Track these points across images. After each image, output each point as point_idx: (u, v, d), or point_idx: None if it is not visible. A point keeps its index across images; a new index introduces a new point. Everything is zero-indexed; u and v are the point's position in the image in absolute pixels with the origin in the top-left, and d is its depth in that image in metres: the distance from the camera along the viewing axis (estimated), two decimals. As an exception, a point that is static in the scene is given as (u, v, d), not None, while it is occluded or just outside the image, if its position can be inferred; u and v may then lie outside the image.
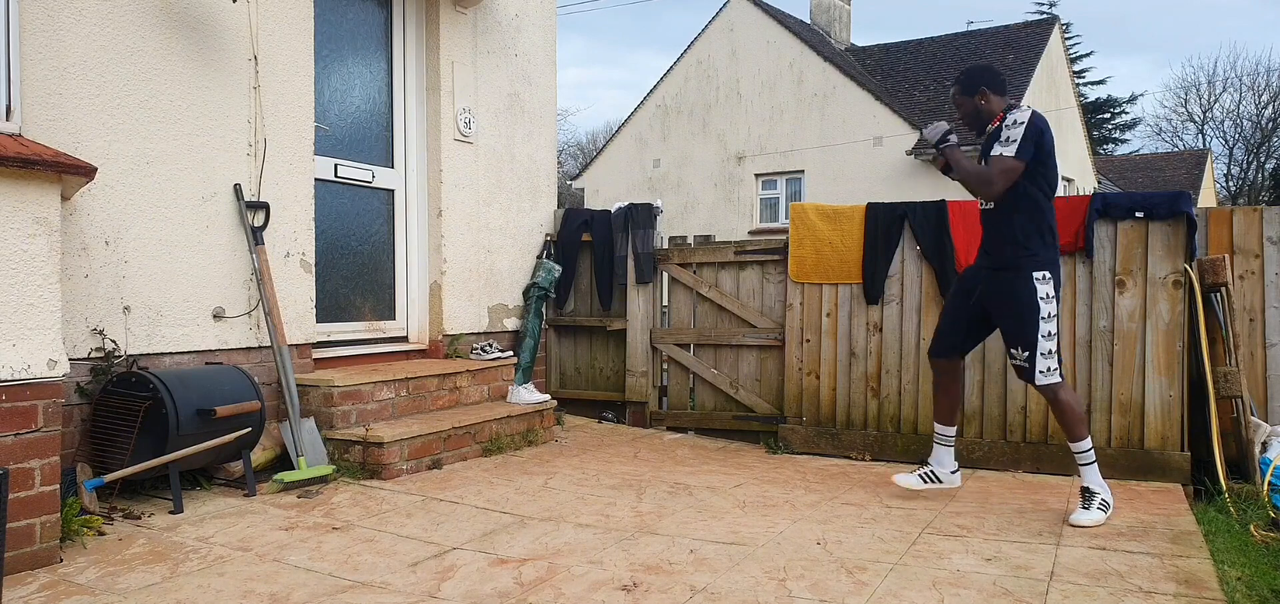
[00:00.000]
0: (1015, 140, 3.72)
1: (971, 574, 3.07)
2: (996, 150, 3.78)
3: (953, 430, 4.19)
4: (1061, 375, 3.82)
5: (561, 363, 6.62)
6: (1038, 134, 3.73)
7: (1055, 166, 3.84)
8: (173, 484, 3.70)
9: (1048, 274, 3.79)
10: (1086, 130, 23.97)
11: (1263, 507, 4.08)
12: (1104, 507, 3.75)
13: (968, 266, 4.27)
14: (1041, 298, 3.77)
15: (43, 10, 3.65)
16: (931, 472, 4.19)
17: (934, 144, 3.97)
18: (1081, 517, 3.72)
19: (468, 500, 4.02)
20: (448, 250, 5.73)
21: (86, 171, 3.32)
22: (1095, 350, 4.80)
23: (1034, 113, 3.79)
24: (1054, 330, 3.79)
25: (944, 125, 3.98)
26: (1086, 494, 3.79)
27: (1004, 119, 3.86)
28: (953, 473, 4.20)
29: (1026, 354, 3.80)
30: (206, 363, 4.28)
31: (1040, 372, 3.79)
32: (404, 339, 5.70)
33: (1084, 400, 4.81)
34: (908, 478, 4.20)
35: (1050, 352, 3.78)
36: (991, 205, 3.87)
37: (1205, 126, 37.57)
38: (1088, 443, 3.81)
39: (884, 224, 5.27)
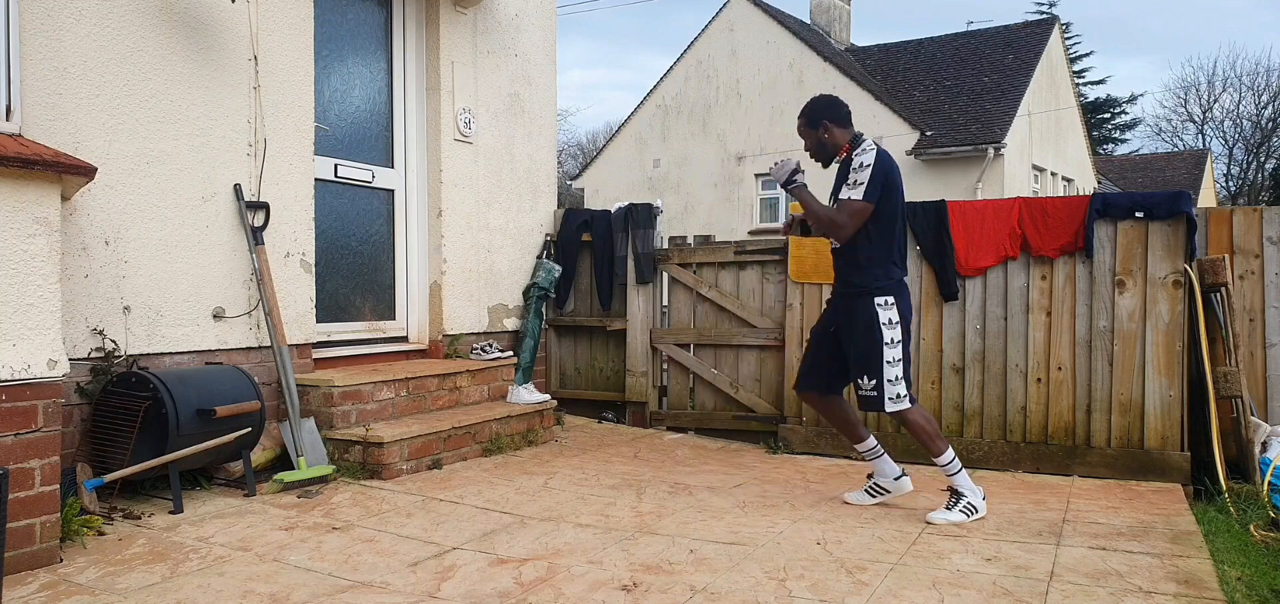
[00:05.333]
0: (862, 184, 3.77)
1: (971, 574, 3.07)
2: (845, 193, 3.83)
3: (870, 441, 4.10)
4: (911, 399, 3.82)
5: (561, 363, 6.62)
6: (884, 174, 3.78)
7: (902, 197, 3.89)
8: (173, 484, 3.70)
9: (891, 299, 3.80)
10: (1086, 130, 23.97)
11: (1263, 507, 4.08)
12: (969, 510, 3.76)
13: (829, 303, 4.19)
14: (884, 323, 3.78)
15: (43, 10, 3.65)
16: (876, 485, 4.10)
17: (782, 184, 3.95)
18: (940, 515, 3.74)
19: (468, 500, 4.02)
20: (448, 250, 5.73)
21: (86, 171, 3.33)
22: (1095, 350, 4.80)
23: (879, 152, 3.83)
24: (900, 355, 3.80)
25: (793, 163, 3.99)
26: (954, 494, 3.80)
27: (851, 152, 3.89)
28: (897, 478, 4.07)
29: (873, 383, 3.80)
30: (206, 363, 4.28)
31: (889, 399, 3.78)
32: (404, 339, 5.70)
33: (1084, 400, 4.81)
34: (857, 495, 4.13)
35: (897, 377, 3.78)
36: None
37: (1205, 126, 37.60)
38: (950, 454, 3.83)
39: (884, 224, 5.26)
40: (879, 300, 3.80)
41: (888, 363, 3.77)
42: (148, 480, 3.87)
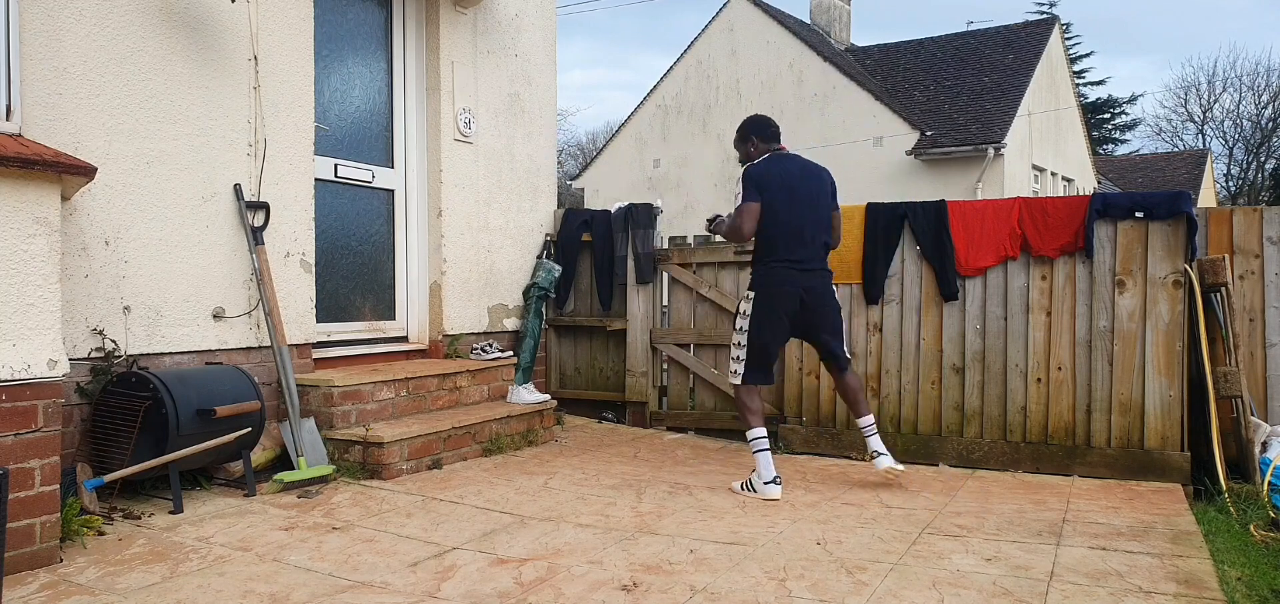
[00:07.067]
0: (739, 194, 4.34)
1: (971, 574, 3.07)
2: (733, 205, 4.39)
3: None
4: (745, 382, 4.38)
5: (561, 363, 6.62)
6: (757, 178, 4.33)
7: (786, 195, 4.35)
8: (173, 484, 3.70)
9: (751, 294, 4.39)
10: (1086, 130, 23.96)
11: (1263, 507, 4.07)
12: (747, 487, 4.29)
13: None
14: (740, 314, 4.43)
15: (43, 11, 3.65)
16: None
17: (709, 229, 4.64)
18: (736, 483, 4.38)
19: (468, 500, 4.02)
20: (448, 250, 5.73)
21: (86, 171, 3.33)
22: (1095, 350, 4.80)
23: (752, 165, 4.40)
24: (743, 342, 4.37)
25: (714, 217, 4.62)
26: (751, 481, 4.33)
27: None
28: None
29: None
30: (206, 363, 4.28)
31: (730, 371, 4.46)
32: (404, 339, 5.70)
33: (1084, 400, 4.81)
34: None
35: (738, 359, 4.40)
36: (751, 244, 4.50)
37: (1205, 126, 37.59)
38: (759, 431, 4.34)
39: (884, 224, 5.27)
40: (744, 295, 4.44)
41: (735, 344, 4.44)
42: (148, 480, 3.87)
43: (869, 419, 4.47)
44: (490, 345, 5.87)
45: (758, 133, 4.53)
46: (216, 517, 3.67)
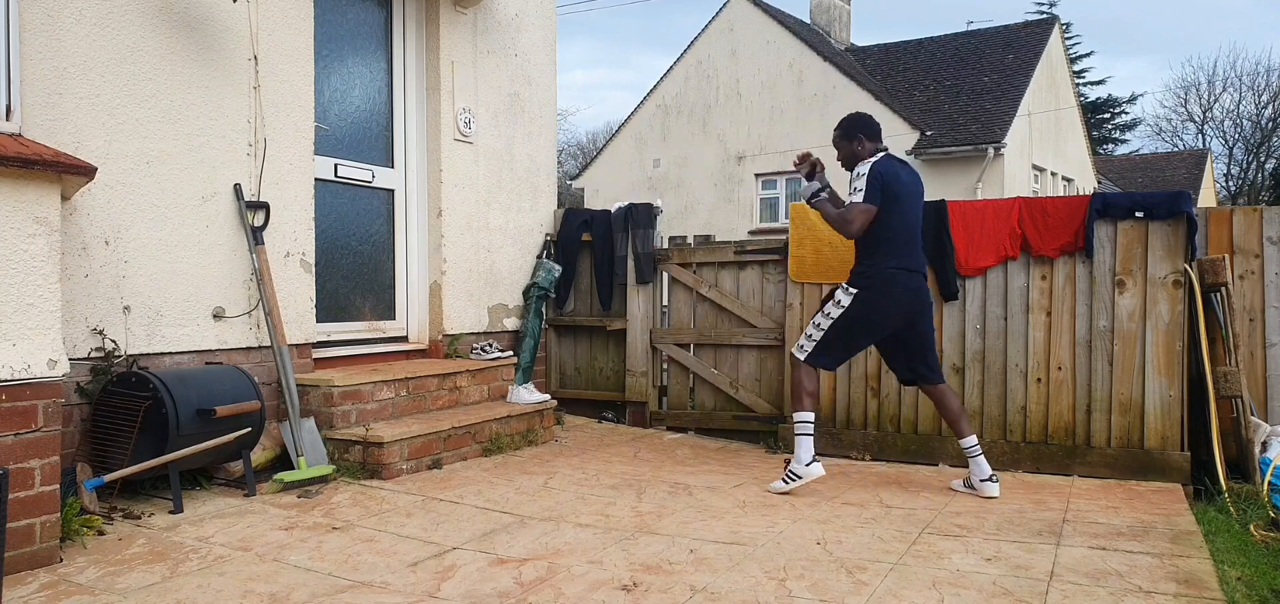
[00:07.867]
0: (861, 190, 4.19)
1: (971, 574, 3.07)
2: (849, 198, 4.25)
3: (971, 440, 4.34)
4: (810, 361, 4.33)
5: (561, 363, 6.62)
6: (881, 180, 4.18)
7: (909, 203, 4.27)
8: (173, 484, 3.70)
9: (856, 291, 4.24)
10: (1086, 130, 23.97)
11: (1263, 507, 4.08)
12: (790, 477, 4.27)
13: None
14: (834, 302, 4.30)
15: (43, 11, 3.65)
16: (966, 482, 4.42)
17: (808, 200, 4.45)
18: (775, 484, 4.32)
19: (468, 500, 4.02)
20: (448, 250, 5.73)
21: (86, 171, 3.33)
22: (1095, 350, 4.80)
23: (878, 162, 4.23)
24: (826, 327, 4.28)
25: (815, 185, 4.40)
26: (787, 465, 4.33)
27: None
28: (985, 480, 4.27)
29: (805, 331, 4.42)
30: (206, 363, 4.28)
31: (796, 348, 4.41)
32: (404, 339, 5.70)
33: (1084, 400, 4.81)
34: (957, 484, 4.45)
35: (810, 337, 4.35)
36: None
37: (1205, 126, 37.60)
38: (808, 415, 4.30)
39: (884, 224, 5.26)
40: (844, 286, 4.30)
41: (813, 325, 4.36)
42: (148, 480, 3.87)
43: (973, 440, 4.31)
44: (490, 345, 5.87)
45: (865, 131, 4.39)
46: (216, 516, 3.67)
